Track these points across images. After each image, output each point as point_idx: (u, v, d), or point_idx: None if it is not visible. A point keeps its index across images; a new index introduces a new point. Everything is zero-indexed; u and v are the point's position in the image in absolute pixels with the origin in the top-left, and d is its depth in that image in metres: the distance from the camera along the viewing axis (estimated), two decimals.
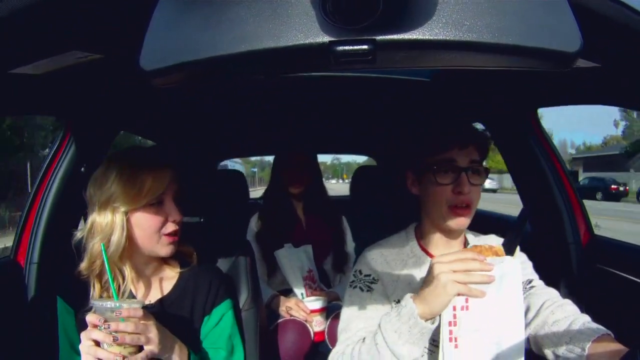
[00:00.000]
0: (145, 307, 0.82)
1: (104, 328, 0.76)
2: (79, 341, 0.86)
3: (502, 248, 0.77)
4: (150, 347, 0.78)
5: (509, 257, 0.76)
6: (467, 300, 0.74)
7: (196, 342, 0.94)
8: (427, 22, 0.40)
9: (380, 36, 0.40)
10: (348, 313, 0.90)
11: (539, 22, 0.41)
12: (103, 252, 0.83)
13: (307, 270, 1.67)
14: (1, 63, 0.73)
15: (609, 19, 0.52)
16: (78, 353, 0.88)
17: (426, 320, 0.74)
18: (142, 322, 0.78)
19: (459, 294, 0.73)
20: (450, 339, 0.74)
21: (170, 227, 0.89)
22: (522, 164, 1.43)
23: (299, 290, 1.64)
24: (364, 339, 0.83)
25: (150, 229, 0.88)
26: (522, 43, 0.40)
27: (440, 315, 0.75)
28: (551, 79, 1.05)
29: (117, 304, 0.77)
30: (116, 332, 0.76)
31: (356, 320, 0.88)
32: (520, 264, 0.76)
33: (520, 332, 0.75)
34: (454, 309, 0.74)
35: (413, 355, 0.76)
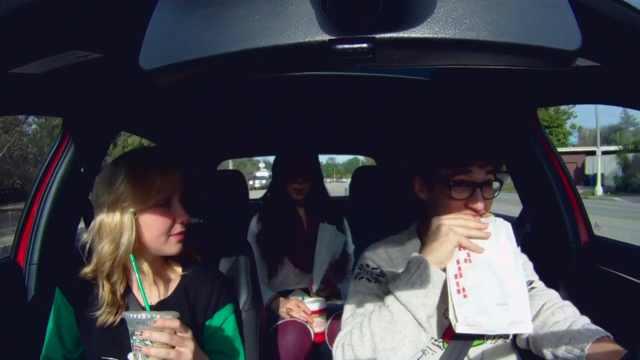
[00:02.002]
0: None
1: (136, 336, 0.75)
2: (79, 338, 0.89)
3: (491, 214, 0.85)
4: None
5: (500, 218, 0.83)
6: (469, 255, 0.80)
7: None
8: (426, 21, 0.40)
9: (380, 35, 0.40)
10: (354, 301, 0.89)
11: (538, 21, 0.41)
12: (133, 262, 0.82)
13: (335, 259, 1.65)
14: (1, 63, 0.73)
15: (609, 17, 0.52)
16: (69, 347, 0.91)
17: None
18: (178, 334, 0.77)
19: (460, 247, 0.80)
20: (458, 291, 0.79)
21: (178, 228, 0.90)
22: (522, 164, 1.43)
23: (316, 277, 1.61)
24: (372, 312, 0.82)
25: (159, 230, 0.87)
26: (522, 41, 0.40)
27: (446, 270, 0.80)
28: (551, 78, 1.05)
29: (151, 315, 0.75)
30: (150, 341, 0.74)
31: (364, 305, 0.87)
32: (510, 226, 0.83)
33: (521, 284, 0.80)
34: (458, 262, 0.80)
35: (427, 309, 0.77)
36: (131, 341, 0.76)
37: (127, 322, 0.76)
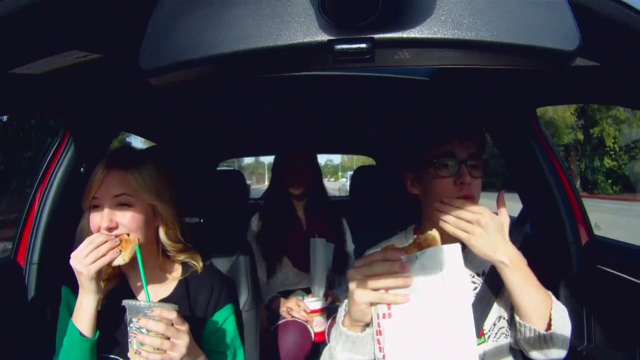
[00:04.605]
0: None
1: (133, 323, 0.76)
2: None
3: (436, 236, 0.66)
4: (172, 355, 0.77)
5: (433, 249, 0.65)
6: (389, 307, 0.66)
7: (197, 345, 0.93)
8: (426, 21, 0.40)
9: (379, 35, 0.40)
10: (341, 316, 0.91)
11: (537, 21, 0.41)
12: (138, 253, 0.83)
13: (329, 269, 1.67)
14: (1, 63, 0.73)
15: (608, 17, 0.52)
16: None
17: (360, 329, 0.71)
18: (175, 326, 0.78)
19: (372, 303, 0.66)
20: (380, 349, 0.67)
21: (103, 232, 0.84)
22: (521, 164, 1.43)
23: (318, 288, 1.62)
24: (334, 347, 0.81)
25: (94, 231, 0.87)
26: (521, 41, 0.41)
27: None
28: (550, 78, 1.05)
29: (149, 304, 0.77)
30: (146, 330, 0.76)
31: None
32: (458, 252, 0.65)
33: (467, 339, 0.64)
34: (378, 316, 0.67)
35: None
36: (128, 328, 0.78)
37: (127, 309, 0.78)
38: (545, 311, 0.77)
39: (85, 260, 0.79)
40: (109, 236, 0.82)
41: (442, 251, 0.64)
